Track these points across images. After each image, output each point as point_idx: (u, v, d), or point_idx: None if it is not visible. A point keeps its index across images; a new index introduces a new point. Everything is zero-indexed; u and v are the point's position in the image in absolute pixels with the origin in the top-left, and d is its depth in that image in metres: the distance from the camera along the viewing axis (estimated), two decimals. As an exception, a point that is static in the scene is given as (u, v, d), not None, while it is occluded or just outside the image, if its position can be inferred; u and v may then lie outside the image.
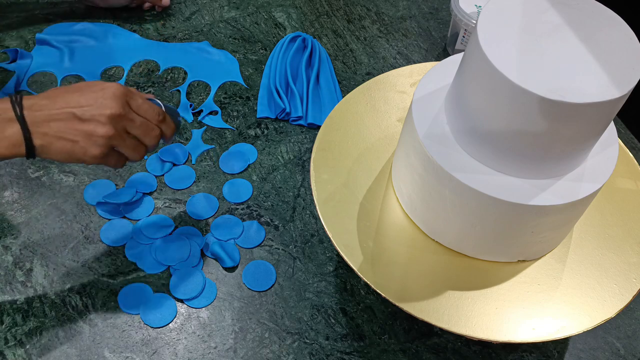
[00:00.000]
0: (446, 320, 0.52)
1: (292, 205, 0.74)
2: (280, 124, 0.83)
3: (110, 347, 0.61)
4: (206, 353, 0.62)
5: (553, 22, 0.47)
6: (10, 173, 0.75)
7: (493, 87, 0.45)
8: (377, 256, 0.56)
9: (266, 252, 0.70)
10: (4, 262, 0.67)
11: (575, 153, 0.49)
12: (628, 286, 0.55)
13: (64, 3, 0.98)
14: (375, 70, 0.92)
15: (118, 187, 0.74)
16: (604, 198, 0.61)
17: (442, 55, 0.95)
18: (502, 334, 0.52)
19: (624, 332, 0.65)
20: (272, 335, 0.63)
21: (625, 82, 0.44)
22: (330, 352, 0.62)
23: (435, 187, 0.53)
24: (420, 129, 0.52)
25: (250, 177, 0.77)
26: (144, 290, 0.66)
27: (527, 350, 0.63)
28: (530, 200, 0.49)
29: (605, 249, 0.58)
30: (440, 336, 0.64)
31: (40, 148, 0.54)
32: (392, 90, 0.69)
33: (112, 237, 0.70)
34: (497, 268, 0.57)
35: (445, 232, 0.56)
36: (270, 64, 0.90)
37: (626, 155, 0.64)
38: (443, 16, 1.01)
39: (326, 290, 0.67)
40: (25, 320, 0.63)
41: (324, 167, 0.62)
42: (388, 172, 0.63)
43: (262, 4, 1.01)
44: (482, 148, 0.50)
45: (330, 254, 0.70)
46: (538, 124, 0.45)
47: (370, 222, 0.59)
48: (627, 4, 0.75)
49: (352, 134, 0.65)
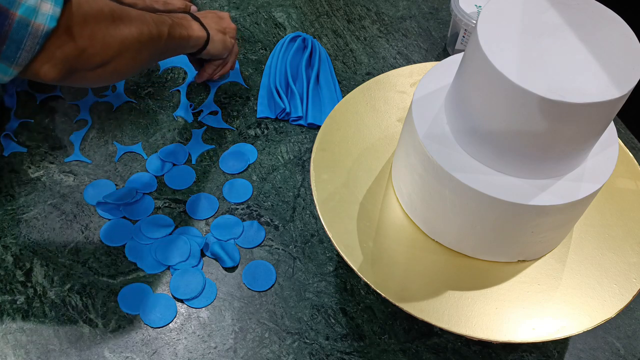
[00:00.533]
0: (446, 320, 0.52)
1: (292, 205, 0.74)
2: (280, 124, 0.83)
3: (110, 347, 0.61)
4: (206, 353, 0.62)
5: (553, 22, 0.47)
6: (10, 173, 0.75)
7: (493, 87, 0.45)
8: (377, 256, 0.56)
9: (266, 252, 0.70)
10: (4, 262, 0.67)
11: (575, 153, 0.49)
12: (628, 286, 0.55)
13: None
14: (375, 70, 0.92)
15: (118, 187, 0.74)
16: (604, 198, 0.61)
17: (442, 55, 0.95)
18: (502, 334, 0.52)
19: (624, 332, 0.65)
20: (272, 335, 0.63)
21: (625, 82, 0.44)
22: (330, 352, 0.62)
23: (435, 187, 0.53)
24: (420, 129, 0.52)
25: (250, 177, 0.77)
26: (144, 290, 0.66)
27: (527, 350, 0.63)
28: (530, 200, 0.49)
29: (605, 249, 0.58)
30: (440, 336, 0.64)
31: (211, 37, 0.75)
32: (392, 90, 0.69)
33: (112, 237, 0.70)
34: (497, 268, 0.57)
35: (445, 232, 0.56)
36: (270, 64, 0.90)
37: (626, 155, 0.64)
38: (443, 16, 1.01)
39: (326, 290, 0.67)
40: (25, 320, 0.63)
41: (324, 167, 0.62)
42: (388, 172, 0.63)
43: (262, 4, 1.01)
44: (482, 148, 0.50)
45: (330, 254, 0.70)
46: (538, 124, 0.45)
47: (370, 222, 0.59)
48: (627, 4, 0.75)
49: (352, 134, 0.65)
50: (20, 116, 0.81)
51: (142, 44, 0.61)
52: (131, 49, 0.60)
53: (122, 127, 0.81)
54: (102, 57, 0.57)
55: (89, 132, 0.80)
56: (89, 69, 0.57)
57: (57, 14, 0.50)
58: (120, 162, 0.77)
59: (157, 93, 0.86)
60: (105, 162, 0.77)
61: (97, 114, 0.82)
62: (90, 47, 0.55)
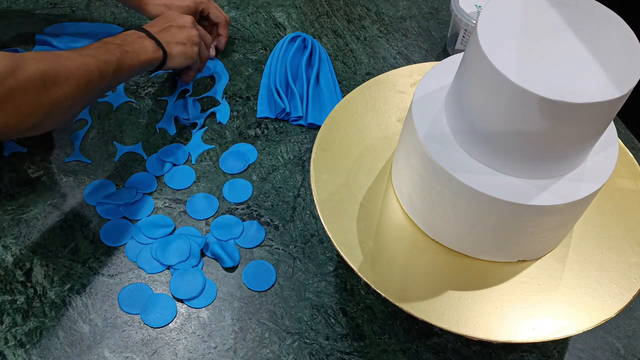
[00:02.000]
0: (446, 320, 0.52)
1: (292, 205, 0.74)
2: (280, 124, 0.83)
3: (110, 347, 0.61)
4: (206, 353, 0.62)
5: (553, 22, 0.47)
6: (10, 173, 0.75)
7: (493, 87, 0.45)
8: (377, 256, 0.56)
9: (266, 252, 0.70)
10: (4, 262, 0.67)
11: (575, 153, 0.49)
12: (628, 286, 0.55)
13: (64, 3, 0.98)
14: (375, 70, 0.92)
15: (118, 187, 0.74)
16: (604, 198, 0.61)
17: (442, 55, 0.95)
18: (502, 334, 0.52)
19: (624, 332, 0.65)
20: (272, 335, 0.63)
21: (625, 82, 0.44)
22: (330, 352, 0.62)
23: (435, 187, 0.53)
24: (420, 129, 0.52)
25: (250, 177, 0.77)
26: (144, 290, 0.66)
27: (527, 350, 0.63)
28: (530, 200, 0.49)
29: (605, 249, 0.58)
30: (440, 336, 0.64)
31: (169, 53, 0.73)
32: (392, 90, 0.69)
33: (112, 237, 0.70)
34: (497, 268, 0.57)
35: (445, 232, 0.56)
36: (270, 64, 0.90)
37: (626, 155, 0.64)
38: (443, 16, 1.01)
39: (326, 290, 0.67)
40: (25, 320, 0.63)
41: (324, 167, 0.62)
42: (388, 172, 0.63)
43: (262, 4, 1.01)
44: (482, 148, 0.50)
45: (330, 254, 0.70)
46: (538, 124, 0.45)
47: (370, 222, 0.59)
48: (627, 4, 0.75)
49: (352, 134, 0.65)
50: (20, 116, 0.81)
51: (77, 97, 0.59)
52: (63, 107, 0.58)
53: (122, 127, 0.81)
54: (28, 124, 0.55)
55: (89, 132, 0.80)
56: (18, 134, 0.56)
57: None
58: (120, 162, 0.77)
59: (157, 93, 0.86)
60: (105, 162, 0.77)
61: (97, 114, 0.82)
62: (12, 121, 0.54)
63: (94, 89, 0.62)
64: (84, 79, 0.60)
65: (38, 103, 0.55)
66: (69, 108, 0.59)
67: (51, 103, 0.56)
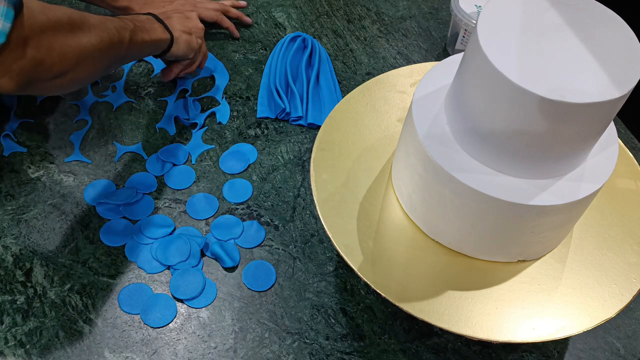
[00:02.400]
0: (446, 320, 0.52)
1: (292, 205, 0.74)
2: (280, 124, 0.83)
3: (110, 347, 0.61)
4: (206, 353, 0.62)
5: (553, 22, 0.47)
6: (10, 173, 0.75)
7: (493, 87, 0.45)
8: (377, 256, 0.56)
9: (266, 252, 0.70)
10: (4, 262, 0.67)
11: (575, 153, 0.49)
12: (628, 286, 0.55)
13: (63, 3, 0.98)
14: (375, 70, 0.92)
15: (118, 187, 0.74)
16: (604, 198, 0.61)
17: (442, 55, 0.95)
18: (502, 334, 0.52)
19: (624, 332, 0.65)
20: (272, 335, 0.63)
21: (625, 82, 0.44)
22: (330, 352, 0.62)
23: (435, 187, 0.53)
24: (420, 129, 0.52)
25: (250, 177, 0.77)
26: (144, 290, 0.66)
27: (527, 350, 0.63)
28: (530, 200, 0.49)
29: (605, 249, 0.58)
30: (440, 336, 0.64)
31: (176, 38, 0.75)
32: (392, 90, 0.69)
33: (112, 237, 0.70)
34: (497, 268, 0.57)
35: (445, 232, 0.56)
36: (270, 64, 0.90)
37: (626, 155, 0.64)
38: (443, 16, 1.01)
39: (326, 290, 0.67)
40: (25, 320, 0.63)
41: (324, 167, 0.62)
42: (388, 172, 0.63)
43: (262, 4, 1.01)
44: (482, 148, 0.50)
45: (330, 254, 0.70)
46: (538, 124, 0.45)
47: (370, 222, 0.59)
48: (627, 4, 0.75)
49: (352, 134, 0.65)
50: (20, 116, 0.81)
51: (102, 52, 0.61)
52: (90, 57, 0.59)
53: (122, 127, 0.81)
54: (60, 68, 0.56)
55: (89, 132, 0.80)
56: (47, 79, 0.56)
57: (7, 29, 0.50)
58: (120, 162, 0.77)
59: (157, 93, 0.86)
60: (105, 162, 0.77)
61: (97, 114, 0.82)
62: (48, 59, 0.54)
63: (115, 49, 0.63)
64: (107, 35, 0.61)
65: (68, 45, 0.56)
66: (95, 61, 0.61)
67: (80, 48, 0.58)
